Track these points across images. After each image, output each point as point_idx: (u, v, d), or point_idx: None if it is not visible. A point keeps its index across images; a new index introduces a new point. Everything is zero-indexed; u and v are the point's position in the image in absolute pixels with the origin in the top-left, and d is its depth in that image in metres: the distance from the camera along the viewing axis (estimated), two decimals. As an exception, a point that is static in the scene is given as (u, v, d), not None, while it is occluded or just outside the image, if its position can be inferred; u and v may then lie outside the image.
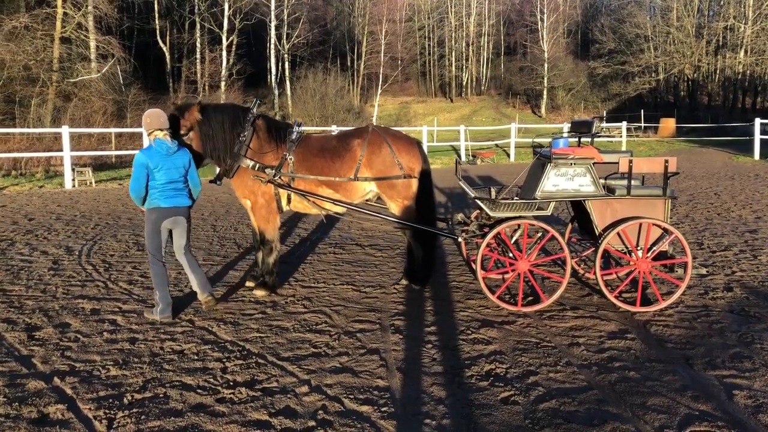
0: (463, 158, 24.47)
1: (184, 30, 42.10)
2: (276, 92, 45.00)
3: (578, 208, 6.52)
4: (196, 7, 41.15)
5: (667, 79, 52.78)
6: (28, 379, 4.30)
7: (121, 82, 29.84)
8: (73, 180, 16.68)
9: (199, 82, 39.10)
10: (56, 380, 4.28)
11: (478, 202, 5.96)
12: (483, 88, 63.78)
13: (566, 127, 6.69)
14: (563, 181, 5.74)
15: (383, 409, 3.88)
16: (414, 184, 6.28)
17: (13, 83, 25.82)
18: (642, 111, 42.78)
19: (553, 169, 5.74)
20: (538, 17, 57.78)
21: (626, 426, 3.63)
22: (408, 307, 5.98)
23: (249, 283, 6.65)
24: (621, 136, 31.19)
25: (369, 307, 5.94)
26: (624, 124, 31.34)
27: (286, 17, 44.66)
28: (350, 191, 6.30)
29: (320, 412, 3.84)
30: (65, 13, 28.52)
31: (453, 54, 62.25)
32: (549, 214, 5.89)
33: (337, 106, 40.30)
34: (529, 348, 4.88)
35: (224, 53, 39.89)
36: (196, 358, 4.70)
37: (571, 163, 5.71)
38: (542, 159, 5.96)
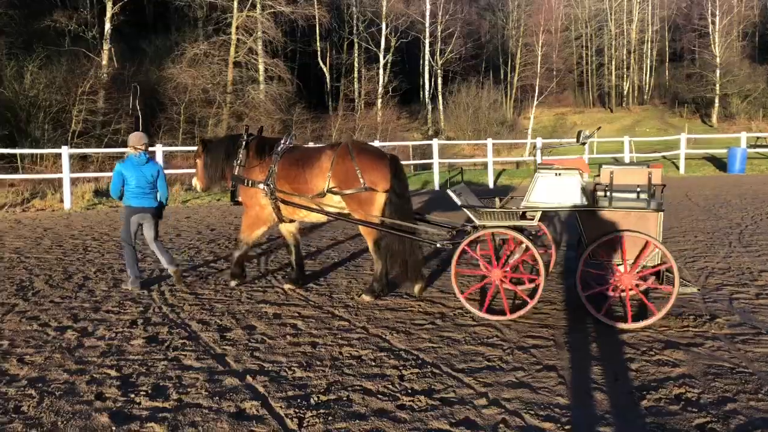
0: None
1: (342, 50, 43.96)
2: (429, 107, 45.63)
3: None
4: (355, 28, 42.85)
5: None
6: (225, 375, 4.65)
7: (287, 102, 31.68)
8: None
9: (356, 100, 40.60)
10: (249, 378, 4.59)
11: (465, 209, 6.03)
12: (646, 97, 60.49)
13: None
14: (550, 191, 5.70)
15: (566, 427, 3.76)
16: (377, 197, 6.52)
17: (193, 105, 28.35)
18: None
19: (540, 179, 5.71)
20: (709, 20, 53.85)
21: None
22: (582, 324, 5.77)
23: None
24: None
25: (540, 323, 5.81)
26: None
27: (440, 33, 45.23)
28: (325, 200, 6.76)
29: (501, 425, 3.80)
30: (238, 40, 30.85)
31: (613, 62, 59.68)
32: (535, 224, 5.89)
33: (491, 120, 40.09)
34: (722, 373, 4.51)
35: (381, 71, 41.14)
36: (373, 364, 4.84)
37: (557, 174, 5.67)
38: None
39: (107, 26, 27.70)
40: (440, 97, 45.59)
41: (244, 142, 7.16)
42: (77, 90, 24.36)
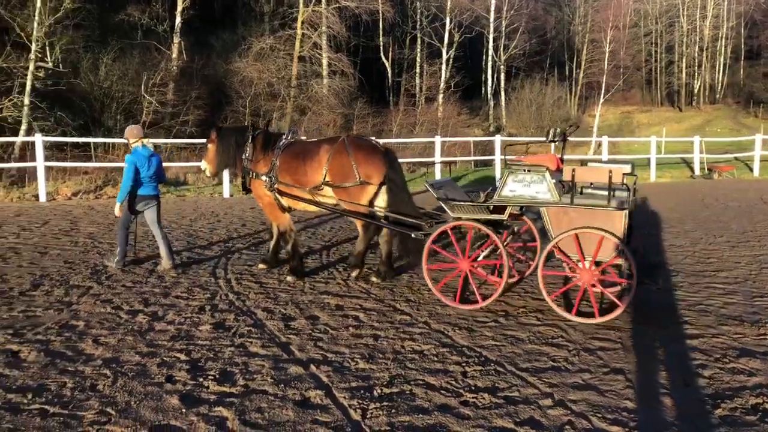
0: (697, 171, 22.51)
1: (405, 45, 43.89)
2: (491, 103, 45.12)
3: None
4: (418, 23, 42.73)
5: None
6: (289, 364, 4.72)
7: (349, 96, 31.88)
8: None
9: (417, 95, 40.50)
10: (313, 367, 4.65)
11: (441, 203, 6.27)
12: (718, 96, 58.18)
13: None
14: (520, 187, 5.84)
15: (635, 432, 3.67)
16: (369, 189, 6.91)
17: (259, 98, 28.81)
18: None
19: (511, 176, 5.86)
20: (789, 16, 51.37)
21: None
22: (650, 327, 5.61)
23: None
24: None
25: (606, 325, 5.67)
26: None
27: (504, 29, 44.64)
28: (322, 192, 7.10)
29: (567, 426, 3.74)
30: (303, 34, 31.19)
31: (684, 60, 57.61)
32: (505, 218, 6.08)
33: (554, 117, 39.32)
34: (803, 385, 4.31)
35: (443, 66, 40.85)
36: (436, 359, 4.83)
37: (526, 170, 5.79)
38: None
39: (178, 20, 28.43)
40: (503, 93, 45.00)
41: (250, 137, 7.54)
42: (148, 82, 25.12)
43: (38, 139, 14.82)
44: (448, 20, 40.61)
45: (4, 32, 21.78)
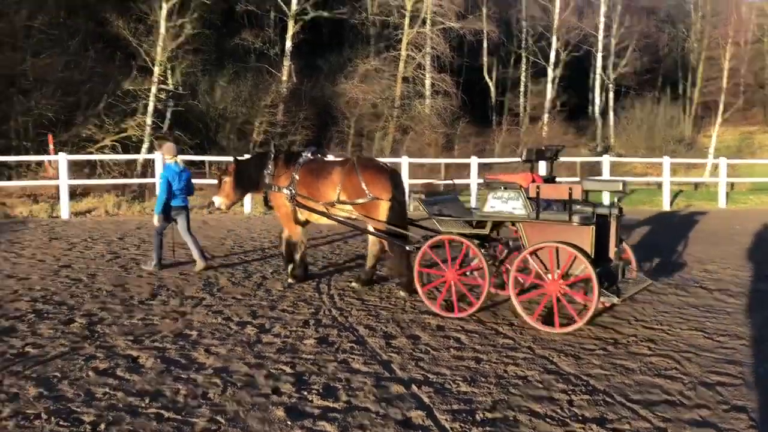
0: (828, 197, 20.80)
1: (509, 65, 43.50)
2: (598, 123, 43.80)
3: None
4: (524, 42, 42.28)
5: None
6: (391, 382, 4.74)
7: (451, 116, 31.90)
8: (409, 204, 18.24)
9: (521, 114, 39.97)
10: (414, 387, 4.64)
11: (433, 219, 6.77)
12: None
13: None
14: (499, 203, 6.23)
15: (761, 477, 3.40)
16: (380, 205, 7.37)
17: (362, 119, 29.42)
18: None
19: (491, 192, 6.26)
20: None
21: None
22: (777, 363, 5.21)
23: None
24: None
25: (726, 358, 5.32)
26: None
27: (613, 47, 43.33)
28: (334, 208, 7.69)
29: (683, 466, 3.52)
30: (408, 55, 31.61)
31: (812, 77, 53.63)
32: (487, 233, 6.51)
33: (667, 137, 37.67)
34: None
35: (548, 85, 40.13)
36: (540, 386, 4.70)
37: (503, 187, 6.19)
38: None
39: (288, 44, 29.57)
40: (611, 113, 43.58)
41: (272, 155, 8.23)
42: (260, 103, 26.24)
43: (158, 157, 15.78)
44: (554, 39, 39.91)
45: (131, 57, 23.48)
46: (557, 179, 7.02)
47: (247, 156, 10.01)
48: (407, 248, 7.22)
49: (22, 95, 21.19)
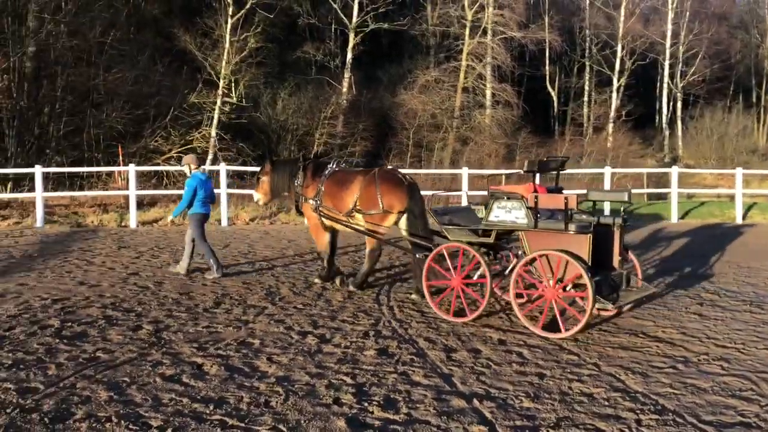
0: None
1: (572, 74, 42.82)
2: (665, 133, 42.58)
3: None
4: (587, 51, 41.54)
5: None
6: (451, 396, 4.68)
7: (512, 126, 31.58)
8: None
9: (584, 124, 39.22)
10: (476, 402, 4.57)
11: (441, 228, 7.09)
12: None
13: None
14: (503, 213, 6.48)
15: None
16: (390, 217, 7.79)
17: (422, 130, 29.42)
18: None
19: (495, 203, 6.50)
20: None
21: None
22: None
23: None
24: None
25: (807, 380, 5.03)
26: None
27: (681, 54, 42.10)
28: (354, 217, 7.99)
29: (762, 494, 3.33)
30: (468, 66, 31.50)
31: None
32: (491, 241, 6.74)
33: (738, 147, 36.32)
34: None
35: (613, 94, 39.29)
36: (606, 404, 4.55)
37: (506, 198, 6.44)
38: None
39: (349, 56, 29.94)
40: (679, 122, 42.30)
41: (302, 165, 8.58)
42: (320, 115, 26.61)
43: (222, 168, 16.16)
44: (619, 47, 39.08)
45: (197, 71, 24.22)
46: (564, 190, 7.25)
47: (281, 159, 10.79)
48: (417, 256, 7.55)
49: (94, 108, 22.13)
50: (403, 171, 8.66)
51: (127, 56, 23.87)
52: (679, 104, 43.42)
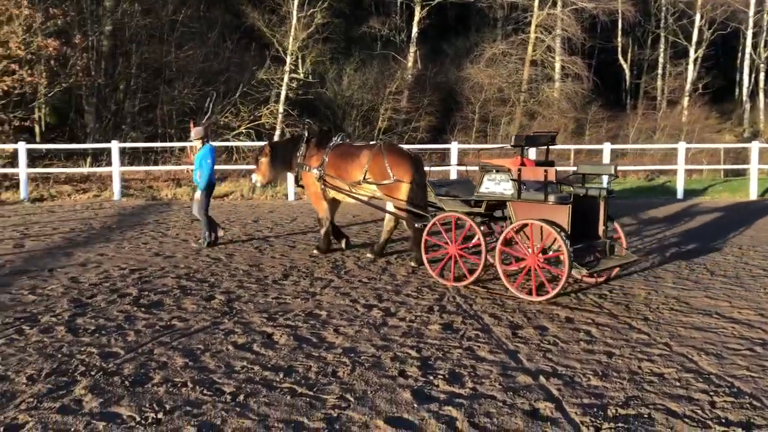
0: None
1: (646, 46, 41.12)
2: (746, 106, 40.51)
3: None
4: (663, 21, 39.81)
5: None
6: (517, 372, 4.66)
7: (582, 100, 30.71)
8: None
9: (659, 98, 37.73)
10: (542, 379, 4.54)
11: (438, 199, 7.65)
12: None
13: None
14: (492, 185, 6.93)
15: None
16: (402, 186, 8.13)
17: (488, 104, 28.96)
18: None
19: (486, 175, 6.96)
20: None
21: None
22: None
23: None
24: None
25: None
26: None
27: (766, 23, 39.79)
28: (359, 187, 8.46)
29: None
30: (537, 38, 30.72)
31: None
32: (482, 211, 7.20)
33: (826, 121, 34.15)
34: None
35: (690, 66, 37.56)
36: (678, 384, 4.44)
37: (495, 171, 6.88)
38: None
39: (414, 30, 29.69)
40: (761, 95, 40.14)
41: (305, 138, 9.04)
42: (385, 90, 26.55)
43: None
44: (698, 17, 37.28)
45: (265, 48, 24.53)
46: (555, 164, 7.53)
47: (280, 141, 11.51)
48: (417, 225, 7.93)
49: (167, 85, 22.77)
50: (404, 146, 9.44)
51: (197, 34, 24.40)
52: (762, 76, 41.13)
